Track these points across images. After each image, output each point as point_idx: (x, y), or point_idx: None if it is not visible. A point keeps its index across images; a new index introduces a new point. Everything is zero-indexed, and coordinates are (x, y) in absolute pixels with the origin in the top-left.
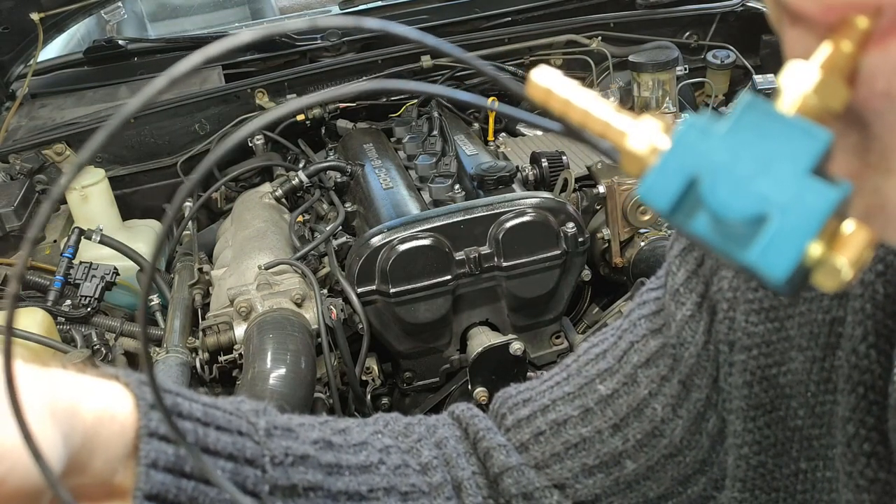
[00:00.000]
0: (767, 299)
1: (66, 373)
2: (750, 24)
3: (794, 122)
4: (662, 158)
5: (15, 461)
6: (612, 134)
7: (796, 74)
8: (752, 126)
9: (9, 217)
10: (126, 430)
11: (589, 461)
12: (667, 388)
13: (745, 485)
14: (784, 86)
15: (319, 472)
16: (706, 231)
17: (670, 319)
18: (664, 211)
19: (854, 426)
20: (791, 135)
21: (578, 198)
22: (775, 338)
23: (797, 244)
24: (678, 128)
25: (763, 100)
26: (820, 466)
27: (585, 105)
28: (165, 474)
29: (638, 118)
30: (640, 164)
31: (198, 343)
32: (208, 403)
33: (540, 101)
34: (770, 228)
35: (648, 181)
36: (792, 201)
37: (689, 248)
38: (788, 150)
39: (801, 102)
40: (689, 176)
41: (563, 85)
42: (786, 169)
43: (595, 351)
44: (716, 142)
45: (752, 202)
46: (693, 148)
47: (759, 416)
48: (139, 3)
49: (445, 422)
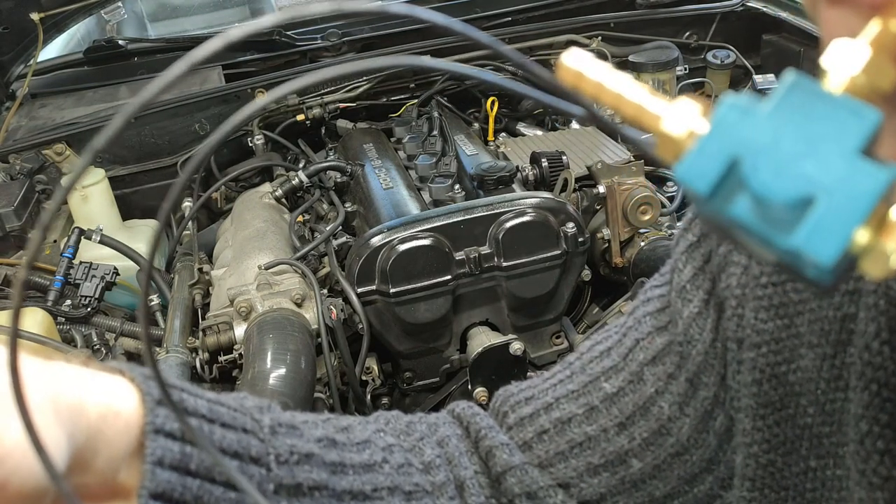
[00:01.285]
0: (777, 296)
1: (69, 367)
2: (750, 24)
3: (841, 101)
4: (702, 139)
5: (18, 462)
6: (646, 117)
7: (843, 53)
8: (797, 106)
9: (9, 217)
10: (131, 427)
11: (594, 460)
12: (674, 386)
13: (755, 483)
14: (830, 65)
15: (324, 470)
16: (747, 215)
17: (677, 316)
18: (703, 194)
19: (867, 423)
20: (838, 115)
21: (578, 198)
22: (785, 335)
23: (845, 228)
24: (718, 108)
25: (808, 79)
26: (830, 464)
27: (618, 88)
28: (171, 472)
29: (673, 101)
30: (676, 147)
31: (198, 343)
32: (213, 400)
33: (571, 84)
34: (816, 211)
35: (687, 163)
36: (839, 183)
37: (696, 244)
38: (835, 130)
39: (849, 82)
40: (730, 157)
41: (595, 68)
42: (833, 150)
43: (599, 348)
44: (759, 122)
45: (797, 184)
46: (734, 128)
47: (769, 414)
48: (139, 3)
49: (446, 420)
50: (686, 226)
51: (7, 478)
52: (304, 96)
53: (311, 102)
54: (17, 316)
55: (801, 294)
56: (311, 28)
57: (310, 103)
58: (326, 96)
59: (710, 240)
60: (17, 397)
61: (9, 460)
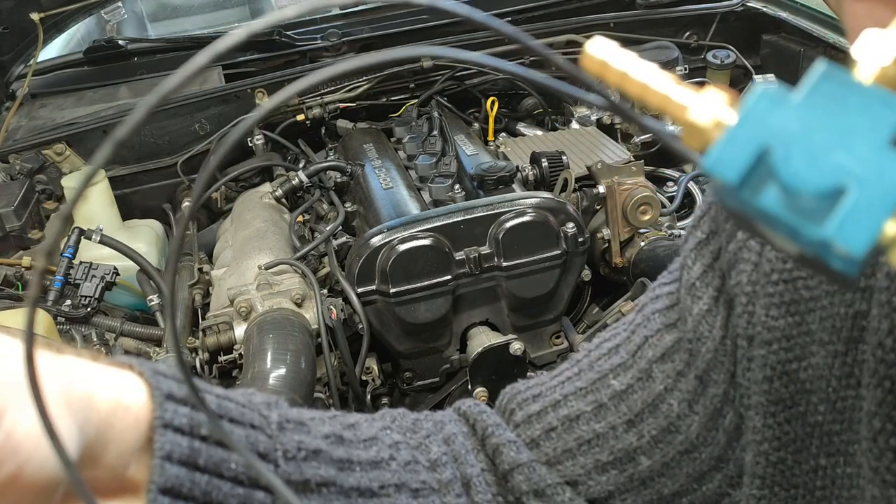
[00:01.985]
0: (788, 293)
1: (80, 360)
2: (750, 24)
3: (872, 91)
4: (732, 128)
5: (30, 453)
6: (672, 107)
7: (874, 43)
8: (828, 96)
9: (9, 217)
10: (140, 421)
11: (602, 457)
12: (683, 384)
13: (764, 481)
14: (861, 55)
15: (332, 467)
16: (776, 205)
17: (686, 314)
18: (733, 183)
19: (880, 421)
20: (870, 105)
21: (578, 198)
22: (796, 332)
23: (877, 218)
24: (749, 97)
25: (839, 69)
26: (840, 462)
27: (644, 77)
28: (180, 467)
29: (700, 91)
30: (702, 137)
31: (198, 343)
32: (221, 395)
33: (596, 73)
34: (847, 202)
35: (716, 152)
36: (871, 174)
37: (705, 241)
38: (867, 120)
39: (880, 72)
40: (759, 147)
41: (620, 57)
42: (864, 140)
43: (607, 346)
44: (789, 112)
45: (828, 174)
46: (765, 118)
47: (780, 412)
48: (139, 3)
49: (452, 418)
50: (695, 223)
51: (19, 469)
52: (303, 96)
53: (311, 102)
54: (34, 307)
55: (812, 291)
56: (310, 28)
57: (310, 103)
58: (326, 96)
59: (719, 237)
60: (32, 384)
61: (21, 451)
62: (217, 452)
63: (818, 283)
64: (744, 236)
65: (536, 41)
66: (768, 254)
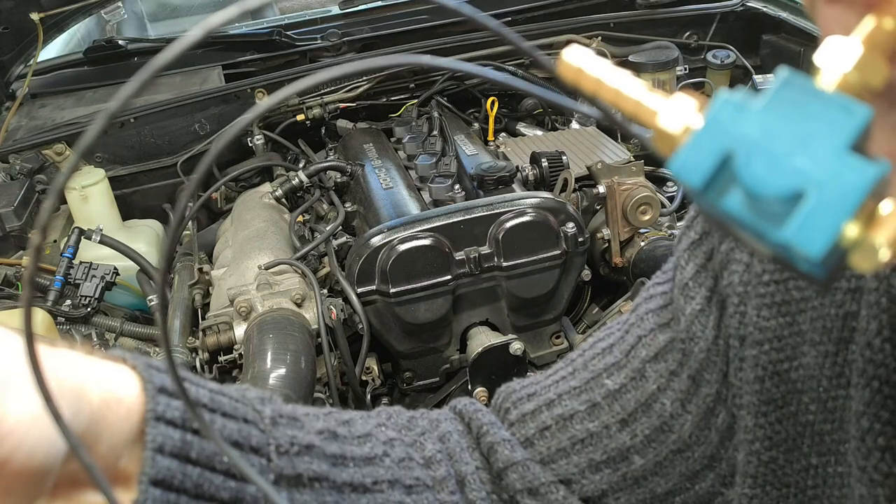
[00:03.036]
0: (779, 293)
1: (73, 353)
2: (750, 24)
3: (832, 98)
4: (696, 134)
5: (20, 441)
6: (643, 113)
7: (836, 50)
8: (789, 102)
9: (9, 217)
10: (132, 413)
11: (596, 456)
12: (676, 383)
13: (756, 481)
14: (823, 62)
15: (324, 462)
16: (739, 209)
17: (679, 314)
18: (697, 187)
19: (868, 420)
20: (829, 111)
21: (578, 198)
22: (787, 332)
23: (834, 221)
24: (712, 104)
25: (801, 76)
26: (831, 462)
27: (617, 84)
28: (172, 459)
29: (670, 96)
30: (672, 143)
31: (198, 343)
32: (215, 390)
33: (571, 80)
34: (806, 205)
35: (681, 157)
36: (829, 178)
37: (698, 242)
38: (827, 126)
39: (841, 79)
40: (723, 152)
41: (595, 64)
42: (824, 145)
43: (601, 345)
44: (752, 118)
45: (788, 178)
46: (728, 124)
47: (771, 412)
48: (139, 3)
49: (448, 416)
50: (688, 223)
51: (8, 456)
52: (303, 96)
53: (311, 102)
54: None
55: (803, 292)
56: (310, 28)
57: (310, 103)
58: (326, 96)
59: (712, 237)
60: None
61: (10, 438)
62: (209, 445)
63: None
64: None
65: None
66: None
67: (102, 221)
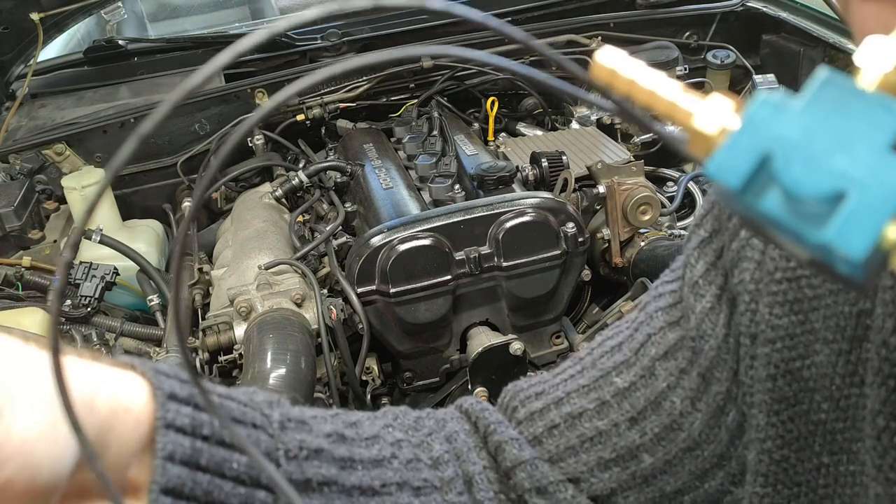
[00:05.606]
0: (792, 291)
1: (81, 361)
2: (750, 24)
3: (873, 98)
4: (734, 135)
5: (25, 460)
6: (678, 114)
7: (876, 50)
8: (829, 102)
9: (9, 217)
10: (141, 422)
11: (605, 455)
12: (686, 381)
13: (767, 479)
14: (863, 61)
15: (333, 466)
16: (777, 210)
17: (689, 311)
18: (734, 189)
19: (884, 419)
20: (870, 111)
21: (578, 198)
22: (800, 330)
23: (876, 222)
24: (750, 104)
25: (841, 75)
26: (843, 461)
27: (651, 85)
28: (182, 467)
29: (706, 97)
30: (708, 144)
31: (198, 343)
32: (223, 394)
33: (605, 82)
34: (847, 206)
35: (718, 158)
36: (871, 178)
37: (708, 239)
38: (867, 126)
39: (882, 79)
40: (761, 153)
41: (629, 65)
42: (865, 145)
43: (610, 343)
44: (791, 118)
45: (828, 179)
46: (766, 124)
47: (783, 410)
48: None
49: (454, 416)
50: (698, 221)
51: (14, 475)
52: (303, 96)
53: (311, 102)
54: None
55: (815, 290)
56: (310, 28)
57: (310, 103)
58: (326, 96)
59: (722, 235)
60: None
61: (16, 457)
62: (219, 452)
63: (822, 281)
64: (747, 235)
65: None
66: (772, 252)
67: (102, 221)
